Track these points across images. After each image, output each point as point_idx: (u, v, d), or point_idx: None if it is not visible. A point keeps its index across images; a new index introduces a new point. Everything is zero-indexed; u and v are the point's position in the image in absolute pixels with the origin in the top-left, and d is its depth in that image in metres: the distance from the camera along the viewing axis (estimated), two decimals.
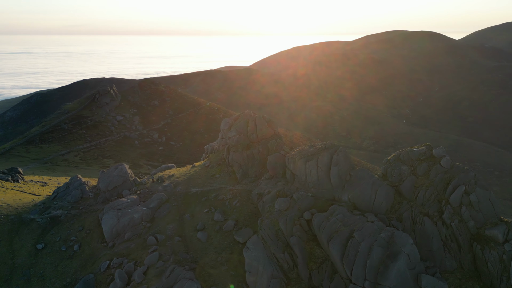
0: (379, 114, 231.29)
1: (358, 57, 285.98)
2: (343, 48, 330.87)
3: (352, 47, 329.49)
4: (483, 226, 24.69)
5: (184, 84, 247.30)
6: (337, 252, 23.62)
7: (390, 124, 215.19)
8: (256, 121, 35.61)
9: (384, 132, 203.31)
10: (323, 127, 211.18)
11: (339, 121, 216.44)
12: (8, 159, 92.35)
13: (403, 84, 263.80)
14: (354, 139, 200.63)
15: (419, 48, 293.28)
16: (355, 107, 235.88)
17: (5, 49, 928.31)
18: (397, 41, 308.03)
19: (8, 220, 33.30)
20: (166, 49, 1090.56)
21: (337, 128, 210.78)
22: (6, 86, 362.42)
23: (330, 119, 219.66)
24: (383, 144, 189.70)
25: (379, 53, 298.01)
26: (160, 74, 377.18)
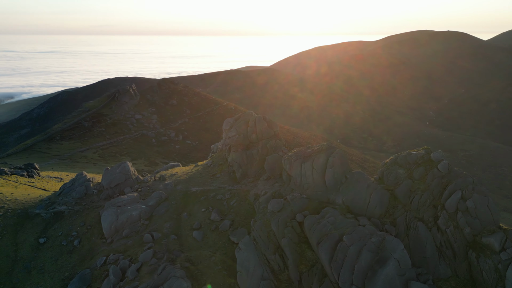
0: (402, 116, 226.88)
1: (380, 57, 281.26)
2: (366, 48, 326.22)
3: (374, 47, 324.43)
4: (479, 233, 23.78)
5: (205, 84, 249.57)
6: (325, 255, 23.29)
7: (412, 126, 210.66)
8: (256, 122, 35.55)
9: (406, 134, 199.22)
10: (344, 128, 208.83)
11: (360, 122, 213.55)
12: (30, 154, 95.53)
13: (427, 85, 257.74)
14: (375, 141, 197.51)
15: (444, 49, 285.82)
16: (376, 108, 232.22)
17: (35, 48, 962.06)
18: (422, 41, 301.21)
19: (14, 214, 34.50)
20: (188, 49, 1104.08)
21: (357, 130, 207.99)
22: (35, 84, 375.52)
23: (350, 120, 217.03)
24: (405, 147, 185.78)
25: (402, 54, 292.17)
26: (182, 73, 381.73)
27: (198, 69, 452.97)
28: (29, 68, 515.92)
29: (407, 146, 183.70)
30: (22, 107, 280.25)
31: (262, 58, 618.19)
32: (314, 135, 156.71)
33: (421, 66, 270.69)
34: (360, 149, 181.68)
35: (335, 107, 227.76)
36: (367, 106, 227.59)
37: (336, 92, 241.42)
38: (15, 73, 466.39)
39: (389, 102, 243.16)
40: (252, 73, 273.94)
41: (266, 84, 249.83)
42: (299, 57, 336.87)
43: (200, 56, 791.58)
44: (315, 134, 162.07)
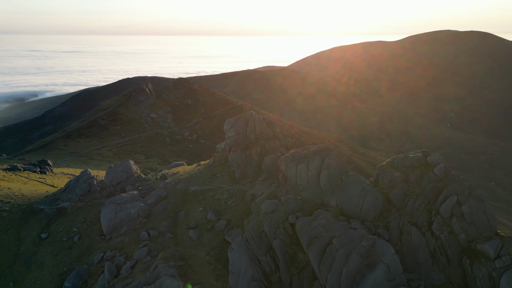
0: (422, 117, 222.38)
1: (401, 57, 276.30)
2: (386, 49, 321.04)
3: (395, 47, 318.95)
4: (475, 239, 22.99)
5: (222, 84, 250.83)
6: (314, 258, 23.00)
7: (433, 128, 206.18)
8: (256, 122, 35.44)
9: (426, 136, 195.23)
10: (362, 129, 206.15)
11: (378, 123, 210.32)
12: (48, 151, 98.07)
13: (448, 87, 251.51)
14: (394, 143, 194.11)
15: (467, 49, 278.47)
16: (396, 110, 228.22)
17: (59, 48, 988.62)
18: (444, 41, 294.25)
19: (20, 209, 35.47)
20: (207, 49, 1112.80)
21: (376, 131, 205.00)
22: (58, 83, 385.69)
23: (369, 121, 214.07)
24: (425, 149, 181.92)
25: (423, 54, 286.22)
26: (200, 73, 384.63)
27: (216, 69, 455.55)
28: (53, 67, 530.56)
29: (427, 148, 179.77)
30: (45, 105, 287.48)
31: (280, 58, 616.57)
32: (329, 136, 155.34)
33: (443, 66, 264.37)
34: (378, 151, 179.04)
35: (353, 108, 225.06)
36: (386, 107, 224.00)
37: (354, 92, 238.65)
38: (40, 72, 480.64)
39: (409, 103, 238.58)
40: (270, 73, 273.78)
41: (284, 84, 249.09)
42: (318, 57, 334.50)
43: (219, 56, 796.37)
44: (331, 135, 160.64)
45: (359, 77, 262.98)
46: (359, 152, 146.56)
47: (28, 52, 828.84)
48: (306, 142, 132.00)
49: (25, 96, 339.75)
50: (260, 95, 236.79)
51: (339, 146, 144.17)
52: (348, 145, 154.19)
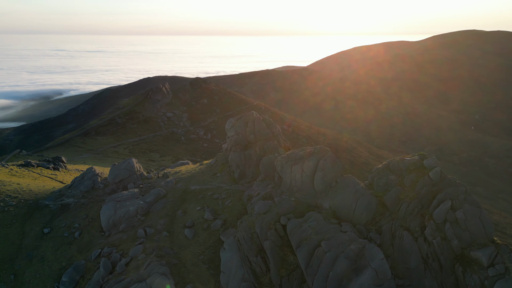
0: (444, 119, 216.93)
1: (424, 58, 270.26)
2: (408, 49, 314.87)
3: (418, 48, 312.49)
4: (469, 246, 22.18)
5: (240, 83, 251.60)
6: (302, 260, 22.72)
7: (456, 131, 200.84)
8: (255, 122, 35.33)
9: (448, 138, 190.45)
10: (381, 131, 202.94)
11: (399, 125, 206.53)
12: (66, 148, 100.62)
13: (473, 88, 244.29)
14: (415, 145, 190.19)
15: (494, 50, 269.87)
16: (417, 111, 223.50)
17: (84, 47, 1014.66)
18: (469, 41, 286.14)
19: (26, 204, 36.53)
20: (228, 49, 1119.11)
21: (396, 133, 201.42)
22: (82, 82, 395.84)
23: (389, 122, 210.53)
24: (447, 152, 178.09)
25: (447, 54, 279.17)
26: (219, 73, 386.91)
27: (236, 68, 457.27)
28: (77, 66, 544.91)
29: (449, 151, 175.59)
30: (69, 103, 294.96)
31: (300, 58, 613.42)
32: (346, 137, 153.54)
33: (468, 67, 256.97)
34: (398, 153, 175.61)
35: (373, 109, 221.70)
36: (407, 109, 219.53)
37: (375, 93, 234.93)
38: (65, 71, 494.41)
39: (431, 105, 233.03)
40: (289, 73, 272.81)
41: (302, 84, 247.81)
42: (338, 57, 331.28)
43: (239, 56, 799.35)
44: (347, 136, 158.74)
45: (380, 77, 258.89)
46: (377, 154, 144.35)
47: (54, 51, 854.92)
48: (321, 143, 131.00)
49: (51, 94, 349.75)
50: (278, 95, 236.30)
51: (356, 147, 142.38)
52: (366, 146, 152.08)
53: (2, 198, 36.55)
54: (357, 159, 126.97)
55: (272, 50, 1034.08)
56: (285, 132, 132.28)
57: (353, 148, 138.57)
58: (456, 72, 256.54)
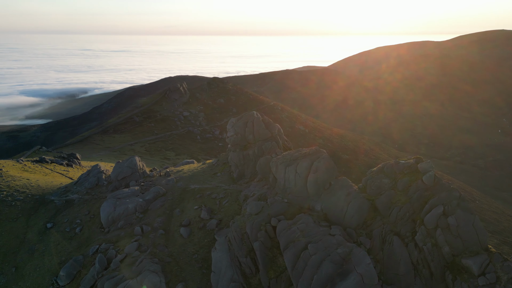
0: (470, 122, 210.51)
1: (449, 59, 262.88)
2: (433, 49, 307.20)
3: (443, 48, 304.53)
4: (461, 253, 21.34)
5: (260, 83, 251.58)
6: (288, 263, 22.44)
7: (482, 134, 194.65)
8: (254, 122, 35.18)
9: (474, 141, 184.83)
10: (403, 133, 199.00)
11: (422, 127, 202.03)
12: (85, 145, 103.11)
13: (501, 90, 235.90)
14: (438, 148, 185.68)
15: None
16: (441, 113, 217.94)
17: (109, 47, 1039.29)
18: (497, 41, 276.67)
19: (33, 199, 37.63)
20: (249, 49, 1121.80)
21: (418, 135, 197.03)
22: (106, 80, 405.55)
23: (411, 124, 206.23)
24: (472, 155, 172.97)
25: (474, 55, 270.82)
26: (240, 73, 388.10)
27: (256, 68, 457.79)
28: (102, 65, 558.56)
29: (474, 154, 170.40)
30: (93, 101, 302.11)
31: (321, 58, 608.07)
32: (364, 138, 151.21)
33: (495, 69, 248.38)
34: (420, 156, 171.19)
35: (395, 110, 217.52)
36: (431, 110, 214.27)
37: (397, 94, 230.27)
38: (90, 70, 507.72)
39: (456, 107, 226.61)
40: (309, 73, 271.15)
41: (322, 84, 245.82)
42: (360, 57, 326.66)
43: (260, 56, 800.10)
44: (365, 137, 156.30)
45: (403, 78, 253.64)
46: (396, 156, 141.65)
47: (80, 51, 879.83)
48: (338, 144, 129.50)
49: (76, 92, 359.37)
50: (297, 95, 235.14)
51: (374, 149, 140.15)
52: (385, 149, 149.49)
53: (11, 193, 37.80)
54: (375, 161, 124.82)
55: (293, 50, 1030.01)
56: (301, 132, 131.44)
57: (372, 150, 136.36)
58: (482, 73, 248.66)
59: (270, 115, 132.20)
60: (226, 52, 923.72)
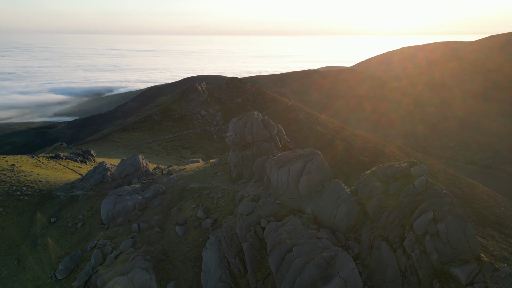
0: (498, 125, 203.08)
1: (477, 60, 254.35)
2: (461, 50, 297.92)
3: (471, 49, 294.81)
4: (450, 261, 20.48)
5: (281, 83, 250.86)
6: (273, 265, 22.18)
7: (511, 137, 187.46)
8: (253, 123, 34.98)
9: (501, 145, 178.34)
10: (428, 135, 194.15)
11: (447, 130, 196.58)
12: (104, 143, 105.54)
13: None
14: (463, 151, 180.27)
15: None
16: (468, 116, 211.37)
17: (134, 47, 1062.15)
18: None
19: (40, 194, 38.79)
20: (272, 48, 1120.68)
21: (443, 138, 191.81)
22: (131, 79, 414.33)
23: (436, 127, 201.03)
24: (499, 160, 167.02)
25: (504, 56, 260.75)
26: (261, 72, 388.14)
27: (278, 68, 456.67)
28: (127, 65, 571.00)
29: (502, 159, 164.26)
30: (118, 100, 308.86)
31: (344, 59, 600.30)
32: (384, 140, 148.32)
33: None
34: (444, 159, 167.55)
35: (419, 112, 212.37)
36: (457, 113, 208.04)
37: (422, 95, 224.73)
38: (116, 69, 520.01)
39: (484, 109, 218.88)
40: (331, 73, 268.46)
41: (345, 85, 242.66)
42: (384, 57, 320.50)
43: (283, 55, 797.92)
44: (386, 139, 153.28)
45: (429, 79, 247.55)
46: (418, 159, 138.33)
47: (107, 50, 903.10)
48: (357, 146, 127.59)
49: (102, 91, 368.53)
50: (319, 96, 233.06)
51: (394, 151, 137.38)
52: (406, 151, 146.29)
53: (20, 187, 39.09)
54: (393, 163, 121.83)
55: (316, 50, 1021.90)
56: (319, 133, 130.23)
57: (392, 153, 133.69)
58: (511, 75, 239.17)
59: (287, 115, 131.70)
60: (249, 52, 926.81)
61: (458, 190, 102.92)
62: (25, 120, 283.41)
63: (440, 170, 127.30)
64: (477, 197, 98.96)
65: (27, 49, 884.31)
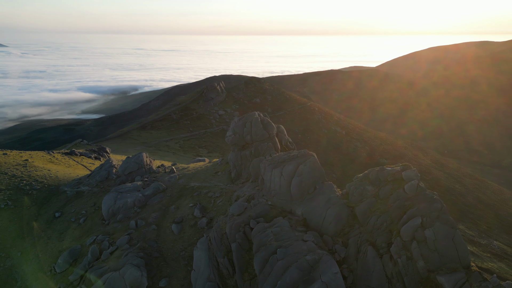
0: None
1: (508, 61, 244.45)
2: (491, 50, 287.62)
3: (502, 49, 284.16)
4: (437, 269, 19.64)
5: (303, 83, 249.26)
6: (257, 266, 21.98)
7: None
8: (253, 123, 34.79)
9: None
10: (455, 138, 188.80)
11: (475, 133, 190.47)
12: (123, 140, 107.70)
13: None
14: (492, 155, 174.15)
15: None
16: (498, 118, 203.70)
17: (159, 47, 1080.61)
18: None
19: (48, 189, 39.95)
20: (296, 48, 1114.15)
21: (472, 141, 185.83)
22: (155, 78, 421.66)
23: (464, 129, 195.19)
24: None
25: None
26: (284, 72, 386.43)
27: (301, 68, 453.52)
28: (153, 64, 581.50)
29: None
30: (143, 98, 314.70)
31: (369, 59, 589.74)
32: (406, 142, 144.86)
33: None
34: (471, 163, 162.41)
35: (447, 115, 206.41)
36: (486, 116, 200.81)
37: (449, 97, 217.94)
38: (141, 69, 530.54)
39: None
40: (354, 74, 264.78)
41: (368, 85, 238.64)
42: (411, 58, 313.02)
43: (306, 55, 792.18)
44: (408, 141, 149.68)
45: (456, 80, 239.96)
46: (441, 162, 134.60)
47: (133, 50, 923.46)
48: (377, 148, 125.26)
49: (128, 89, 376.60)
50: (341, 96, 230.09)
51: (417, 154, 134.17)
52: (430, 154, 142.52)
53: (30, 182, 40.42)
54: (415, 166, 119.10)
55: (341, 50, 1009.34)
56: (338, 134, 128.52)
57: (415, 155, 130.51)
58: None
59: (306, 115, 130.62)
60: (273, 51, 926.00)
61: (483, 196, 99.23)
62: (54, 117, 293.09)
63: (465, 174, 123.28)
64: (504, 204, 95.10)
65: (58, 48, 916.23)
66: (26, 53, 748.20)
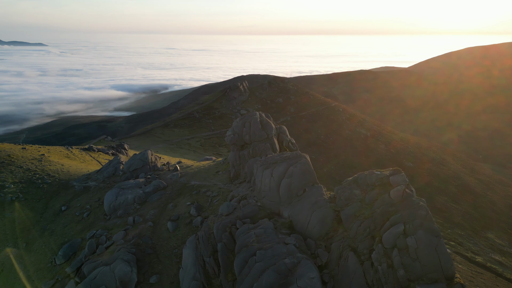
0: None
1: None
2: None
3: None
4: (418, 279, 18.63)
5: (332, 84, 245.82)
6: (236, 267, 21.75)
7: None
8: (252, 123, 34.50)
9: None
10: (489, 143, 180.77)
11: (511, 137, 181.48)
12: (147, 137, 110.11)
13: None
14: None
15: None
16: None
17: (190, 46, 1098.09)
18: None
19: (58, 183, 41.34)
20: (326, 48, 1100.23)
21: (508, 146, 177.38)
22: (185, 78, 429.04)
23: (500, 133, 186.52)
24: None
25: None
26: (312, 72, 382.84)
27: (331, 68, 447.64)
28: (183, 63, 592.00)
29: None
30: (172, 97, 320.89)
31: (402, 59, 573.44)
32: (434, 146, 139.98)
33: None
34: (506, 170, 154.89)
35: (483, 118, 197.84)
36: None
37: (485, 101, 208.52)
38: (172, 68, 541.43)
39: None
40: (384, 74, 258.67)
41: (398, 86, 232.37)
42: (446, 58, 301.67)
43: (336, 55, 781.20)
44: (437, 145, 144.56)
45: (494, 82, 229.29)
46: (472, 168, 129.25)
47: (165, 49, 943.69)
48: (402, 151, 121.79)
49: (158, 88, 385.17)
50: (369, 96, 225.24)
51: (445, 158, 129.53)
52: (461, 159, 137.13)
53: (42, 176, 41.99)
54: (443, 171, 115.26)
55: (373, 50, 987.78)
56: (362, 136, 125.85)
57: (443, 159, 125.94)
58: None
59: (330, 116, 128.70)
60: (302, 51, 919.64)
61: None
62: (88, 113, 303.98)
63: (497, 181, 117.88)
64: None
65: (94, 48, 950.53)
66: (64, 52, 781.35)
